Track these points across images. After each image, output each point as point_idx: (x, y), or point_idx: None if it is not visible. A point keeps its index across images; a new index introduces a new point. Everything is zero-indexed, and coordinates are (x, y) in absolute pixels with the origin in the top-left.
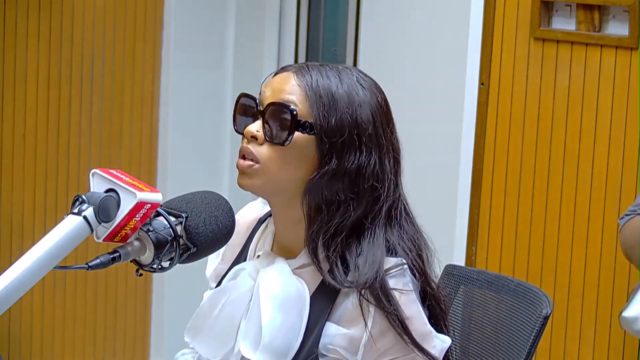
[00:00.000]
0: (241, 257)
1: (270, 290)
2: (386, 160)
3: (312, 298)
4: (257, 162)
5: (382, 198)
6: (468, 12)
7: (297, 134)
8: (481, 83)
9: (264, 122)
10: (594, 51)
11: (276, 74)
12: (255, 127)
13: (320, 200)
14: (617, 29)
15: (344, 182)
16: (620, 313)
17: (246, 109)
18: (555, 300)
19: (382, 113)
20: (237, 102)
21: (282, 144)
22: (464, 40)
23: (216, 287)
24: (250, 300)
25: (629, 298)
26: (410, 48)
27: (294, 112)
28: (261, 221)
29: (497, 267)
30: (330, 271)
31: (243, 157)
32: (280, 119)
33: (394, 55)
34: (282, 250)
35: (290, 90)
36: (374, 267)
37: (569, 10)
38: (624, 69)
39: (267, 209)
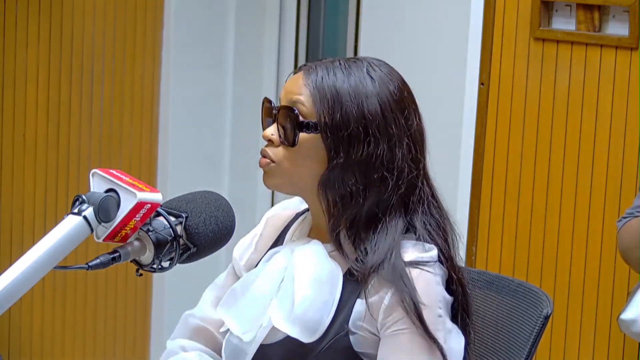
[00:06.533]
0: (276, 245)
1: (305, 267)
2: (397, 149)
3: (345, 277)
4: (273, 161)
5: (394, 186)
6: (468, 12)
7: (303, 134)
8: (481, 83)
9: (278, 124)
10: (594, 51)
11: (294, 72)
12: (271, 131)
13: (334, 193)
14: (617, 29)
15: (354, 174)
16: (619, 316)
17: (268, 112)
18: (555, 300)
19: (394, 101)
20: (262, 106)
21: (291, 145)
22: (464, 40)
23: None
24: (283, 279)
25: (627, 300)
26: (410, 48)
27: (296, 114)
28: (298, 215)
29: (497, 267)
30: (357, 259)
31: (263, 156)
32: (287, 121)
33: (394, 55)
34: (318, 235)
35: (298, 90)
36: (387, 251)
37: (569, 10)
38: (624, 69)
39: (305, 205)
